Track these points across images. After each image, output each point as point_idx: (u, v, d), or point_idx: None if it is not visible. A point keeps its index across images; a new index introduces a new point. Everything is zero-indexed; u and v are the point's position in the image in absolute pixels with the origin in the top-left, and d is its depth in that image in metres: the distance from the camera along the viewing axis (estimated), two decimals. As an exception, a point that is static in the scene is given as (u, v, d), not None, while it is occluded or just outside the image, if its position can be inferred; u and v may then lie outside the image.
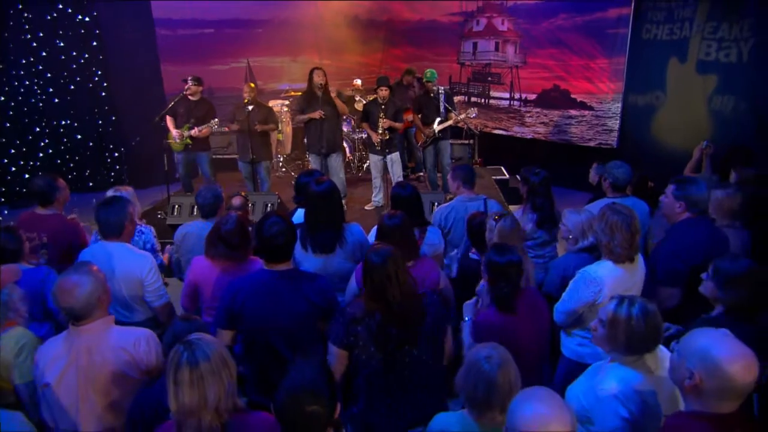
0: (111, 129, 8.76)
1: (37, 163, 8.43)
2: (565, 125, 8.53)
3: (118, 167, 8.75)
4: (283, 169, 8.45)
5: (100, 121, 8.70)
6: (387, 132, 6.51)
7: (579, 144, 8.35)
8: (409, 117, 7.26)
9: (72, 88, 8.45)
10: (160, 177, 7.08)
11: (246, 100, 6.49)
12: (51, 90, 8.37)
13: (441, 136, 6.82)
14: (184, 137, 6.42)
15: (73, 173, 8.68)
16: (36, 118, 8.38)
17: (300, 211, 3.52)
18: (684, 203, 3.07)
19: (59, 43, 8.27)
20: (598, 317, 2.14)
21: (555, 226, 3.72)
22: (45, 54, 8.23)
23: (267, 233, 2.56)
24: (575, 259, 3.03)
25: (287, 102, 8.65)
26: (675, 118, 7.11)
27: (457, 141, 7.92)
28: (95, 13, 8.30)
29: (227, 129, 6.74)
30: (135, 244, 3.58)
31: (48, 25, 8.15)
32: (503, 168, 8.64)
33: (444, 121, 6.76)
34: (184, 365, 1.76)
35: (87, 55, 8.42)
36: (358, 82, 8.88)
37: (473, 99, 9.74)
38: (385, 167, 6.68)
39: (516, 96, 9.12)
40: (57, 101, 8.43)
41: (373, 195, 6.90)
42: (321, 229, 3.15)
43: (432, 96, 6.81)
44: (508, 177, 8.29)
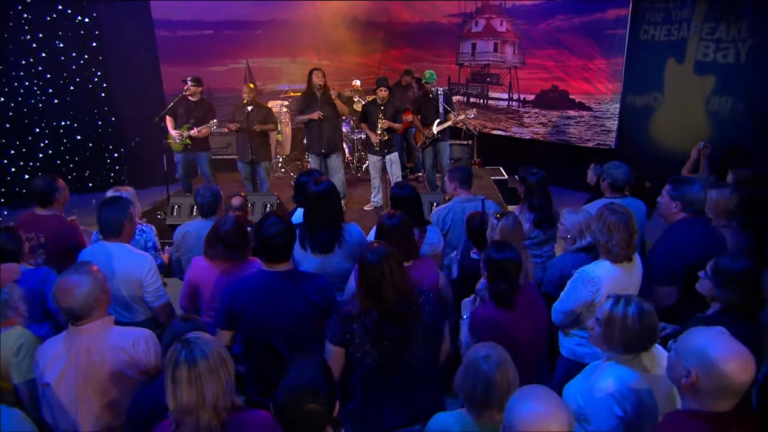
0: (110, 129, 8.77)
1: (37, 164, 8.43)
2: (564, 126, 8.55)
3: (117, 168, 8.76)
4: (283, 170, 8.46)
5: (99, 122, 8.70)
6: (385, 133, 6.53)
7: (577, 144, 8.36)
8: (409, 118, 7.28)
9: (71, 88, 8.46)
10: (159, 177, 7.09)
11: (245, 100, 6.50)
12: (50, 91, 8.38)
13: (440, 137, 6.83)
14: (183, 137, 6.43)
15: (73, 174, 8.69)
16: (36, 118, 8.38)
17: (299, 211, 3.53)
18: (680, 203, 3.09)
19: (59, 44, 8.28)
20: (594, 316, 2.15)
21: (553, 225, 3.74)
22: (44, 55, 8.24)
23: (266, 233, 2.57)
24: (573, 259, 3.05)
25: (286, 103, 8.67)
26: (673, 118, 7.12)
27: (456, 141, 7.93)
28: (95, 14, 8.31)
29: (226, 129, 6.75)
30: (136, 243, 3.60)
31: (47, 26, 8.16)
32: (502, 168, 8.65)
33: (443, 122, 6.78)
34: (182, 364, 1.76)
35: (86, 56, 8.43)
36: (357, 82, 8.90)
37: (472, 100, 9.75)
38: (384, 168, 6.69)
39: (515, 97, 9.14)
40: (56, 102, 8.44)
41: (372, 195, 6.91)
42: (320, 229, 3.17)
43: (431, 97, 6.82)
44: (506, 177, 8.30)
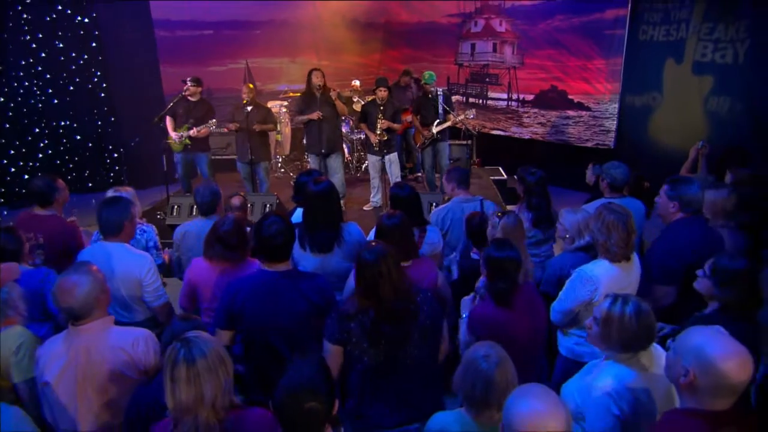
0: (110, 130, 8.76)
1: (37, 164, 8.43)
2: (563, 126, 8.56)
3: (117, 168, 8.76)
4: (282, 170, 8.47)
5: (99, 122, 8.70)
6: (385, 133, 6.54)
7: (576, 144, 8.37)
8: (408, 118, 7.29)
9: (71, 89, 8.46)
10: (159, 177, 7.09)
11: (245, 100, 6.51)
12: (50, 91, 8.38)
13: (439, 137, 6.84)
14: (182, 138, 6.44)
15: (73, 174, 8.69)
16: (35, 118, 8.38)
17: (299, 211, 3.54)
18: (677, 203, 3.09)
19: (58, 44, 8.28)
20: (592, 315, 2.16)
21: (551, 225, 3.75)
22: (44, 55, 8.24)
23: (266, 233, 2.58)
24: (571, 258, 3.06)
25: (286, 103, 8.67)
26: (671, 118, 7.14)
27: (456, 142, 7.94)
28: (94, 14, 8.31)
29: (226, 129, 6.76)
30: (138, 242, 3.61)
31: (47, 26, 8.16)
32: (501, 168, 8.67)
33: (442, 123, 6.79)
34: (181, 362, 1.77)
35: (86, 56, 8.43)
36: (356, 83, 8.90)
37: (471, 100, 9.76)
38: (383, 168, 6.70)
39: (514, 97, 9.15)
40: (56, 102, 8.44)
41: (372, 195, 6.92)
42: (319, 229, 3.17)
43: (430, 98, 6.83)
44: (506, 177, 8.31)
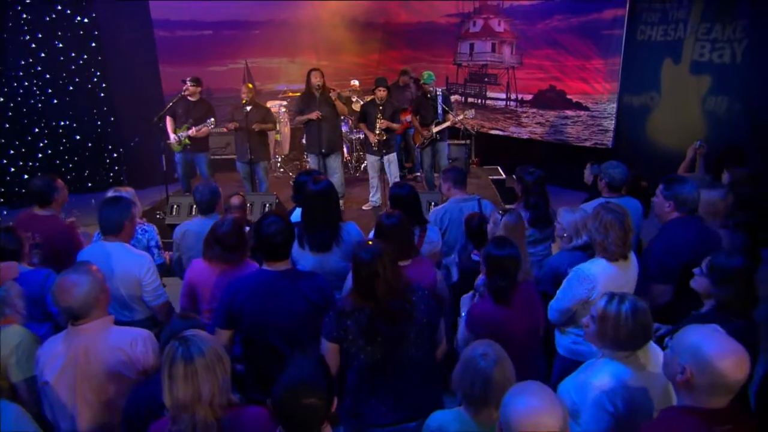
0: (110, 130, 8.77)
1: (36, 164, 8.43)
2: (561, 125, 8.57)
3: (116, 168, 8.78)
4: (281, 170, 8.48)
5: (98, 122, 8.71)
6: (384, 133, 6.54)
7: (575, 144, 8.39)
8: (407, 118, 7.30)
9: (71, 88, 8.47)
10: (158, 177, 7.11)
11: (244, 100, 6.52)
12: (50, 91, 8.38)
13: (438, 137, 6.86)
14: (181, 139, 6.45)
15: (72, 174, 8.69)
16: (35, 118, 8.39)
17: (298, 210, 3.56)
18: (673, 203, 3.10)
19: (58, 44, 8.28)
20: (590, 314, 2.17)
21: (549, 225, 3.76)
22: (44, 55, 8.25)
23: (265, 232, 2.59)
24: (569, 257, 3.07)
25: (285, 103, 8.68)
26: (669, 118, 7.16)
27: (454, 141, 7.96)
28: (94, 15, 8.32)
29: (225, 129, 6.78)
30: (139, 242, 3.62)
31: (47, 26, 8.16)
32: (500, 168, 8.69)
33: (442, 123, 6.80)
34: (178, 360, 1.78)
35: (86, 56, 8.43)
36: (355, 82, 8.91)
37: (470, 99, 9.78)
38: (382, 167, 6.71)
39: (512, 96, 9.17)
40: (56, 102, 8.45)
41: (371, 195, 6.93)
42: (318, 228, 3.18)
43: (429, 98, 6.85)
44: (504, 177, 8.32)
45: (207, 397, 1.78)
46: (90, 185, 8.80)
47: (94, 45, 8.43)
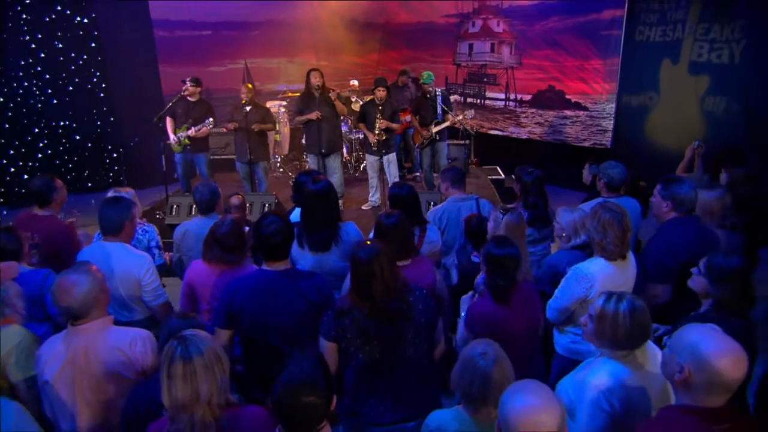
0: (109, 130, 8.77)
1: (36, 164, 8.43)
2: (560, 125, 8.59)
3: (116, 168, 8.78)
4: (281, 170, 8.48)
5: (98, 122, 8.71)
6: (383, 133, 6.55)
7: (574, 144, 8.41)
8: (407, 118, 7.31)
9: (70, 89, 8.47)
10: (158, 177, 7.11)
11: (244, 100, 6.53)
12: (49, 91, 8.38)
13: (437, 137, 6.87)
14: (181, 139, 6.46)
15: (72, 174, 8.69)
16: (35, 119, 8.39)
17: (297, 210, 3.56)
18: (670, 203, 3.11)
19: (58, 45, 8.29)
20: (588, 313, 2.18)
21: (548, 225, 3.77)
22: (43, 55, 8.25)
23: (265, 231, 2.59)
24: (567, 257, 3.07)
25: (284, 103, 8.69)
26: (668, 118, 7.18)
27: (454, 141, 7.96)
28: (93, 15, 8.32)
29: (225, 129, 6.78)
30: (139, 242, 3.62)
31: (46, 27, 8.17)
32: (499, 168, 8.69)
33: (441, 123, 6.81)
34: (177, 359, 1.78)
35: (85, 57, 8.44)
36: (354, 82, 8.91)
37: (469, 100, 9.79)
38: (382, 167, 6.72)
39: (511, 97, 9.18)
40: (55, 102, 8.45)
41: (370, 195, 6.94)
42: (317, 228, 3.19)
43: (429, 98, 6.86)
44: (503, 177, 8.33)
45: (205, 397, 1.78)
46: (90, 185, 8.80)
47: (93, 45, 8.43)
